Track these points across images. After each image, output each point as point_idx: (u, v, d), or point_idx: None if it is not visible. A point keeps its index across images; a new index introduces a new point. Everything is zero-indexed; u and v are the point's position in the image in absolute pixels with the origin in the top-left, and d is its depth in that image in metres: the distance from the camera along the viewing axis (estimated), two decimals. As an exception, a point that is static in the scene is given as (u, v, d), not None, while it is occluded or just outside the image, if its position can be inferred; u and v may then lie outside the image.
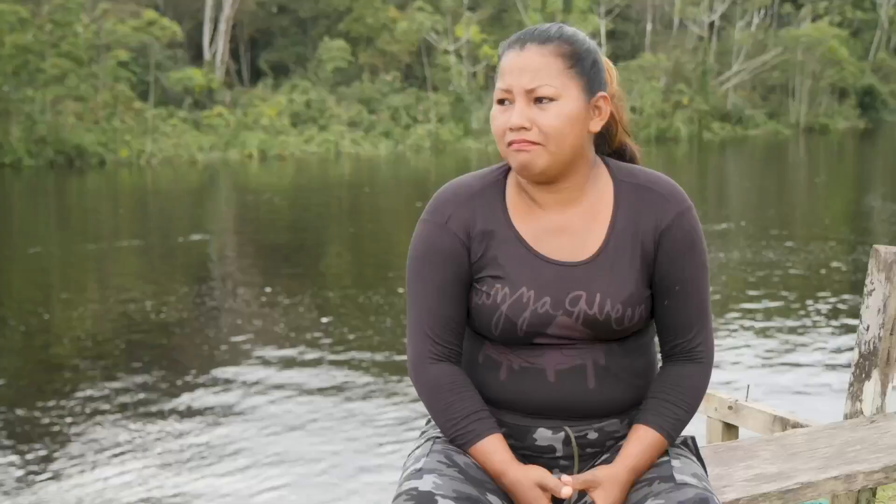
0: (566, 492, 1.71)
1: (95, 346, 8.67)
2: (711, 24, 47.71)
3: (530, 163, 1.76)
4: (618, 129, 1.95)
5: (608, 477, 1.74)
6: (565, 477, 1.73)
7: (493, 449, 1.77)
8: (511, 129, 1.76)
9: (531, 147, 1.75)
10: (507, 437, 1.86)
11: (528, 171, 1.78)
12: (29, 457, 5.99)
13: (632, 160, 1.96)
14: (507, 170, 1.90)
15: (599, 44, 38.57)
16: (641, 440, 1.79)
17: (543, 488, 1.73)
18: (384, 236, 15.31)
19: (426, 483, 1.69)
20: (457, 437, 1.80)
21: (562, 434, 1.83)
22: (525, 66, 1.76)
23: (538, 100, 1.76)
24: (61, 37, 29.52)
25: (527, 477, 1.74)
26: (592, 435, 1.85)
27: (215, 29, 38.65)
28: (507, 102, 1.78)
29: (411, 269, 1.87)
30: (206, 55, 38.19)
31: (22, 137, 28.42)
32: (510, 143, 1.77)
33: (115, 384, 7.46)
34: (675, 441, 1.84)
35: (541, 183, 1.82)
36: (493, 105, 1.82)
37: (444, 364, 1.84)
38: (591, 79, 1.79)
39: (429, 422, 1.97)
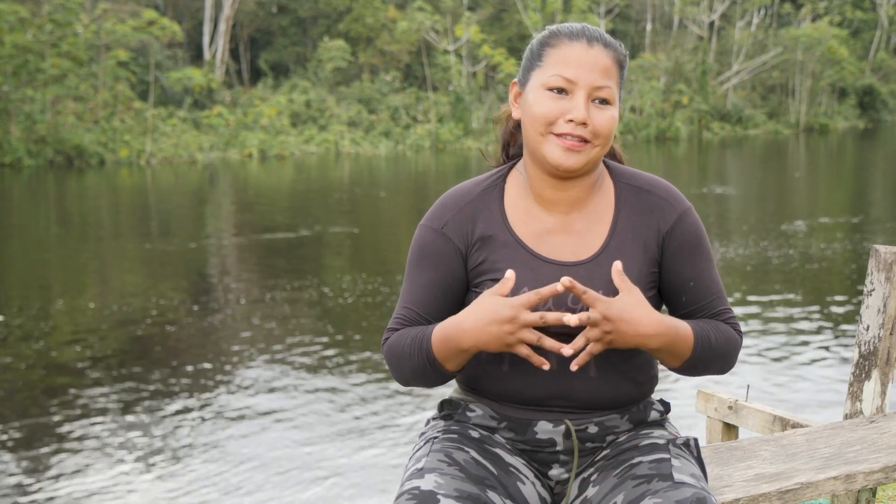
0: (570, 319, 1.68)
1: (95, 347, 8.67)
2: (711, 24, 47.70)
3: (580, 161, 1.78)
4: None
5: (628, 304, 1.72)
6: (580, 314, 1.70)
7: (443, 324, 1.77)
8: (571, 121, 1.76)
9: (582, 146, 1.77)
10: (508, 431, 1.87)
11: (572, 167, 1.79)
12: (26, 457, 5.99)
13: (619, 163, 2.00)
14: (506, 174, 1.92)
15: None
16: (677, 319, 1.80)
17: (525, 304, 1.69)
18: (386, 240, 15.32)
19: (428, 482, 1.70)
20: (416, 353, 1.80)
21: (562, 427, 1.84)
22: (595, 65, 1.77)
23: (596, 100, 1.78)
24: (61, 37, 29.47)
25: (485, 298, 1.72)
26: (592, 429, 1.86)
27: (215, 29, 38.63)
28: (562, 91, 1.78)
29: (406, 270, 1.92)
30: (206, 55, 38.18)
31: (22, 137, 28.39)
32: (561, 135, 1.77)
33: (115, 385, 7.46)
34: (696, 353, 1.81)
35: (562, 178, 1.83)
36: (536, 90, 1.79)
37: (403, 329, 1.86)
38: (622, 88, 1.85)
39: (428, 423, 1.98)
